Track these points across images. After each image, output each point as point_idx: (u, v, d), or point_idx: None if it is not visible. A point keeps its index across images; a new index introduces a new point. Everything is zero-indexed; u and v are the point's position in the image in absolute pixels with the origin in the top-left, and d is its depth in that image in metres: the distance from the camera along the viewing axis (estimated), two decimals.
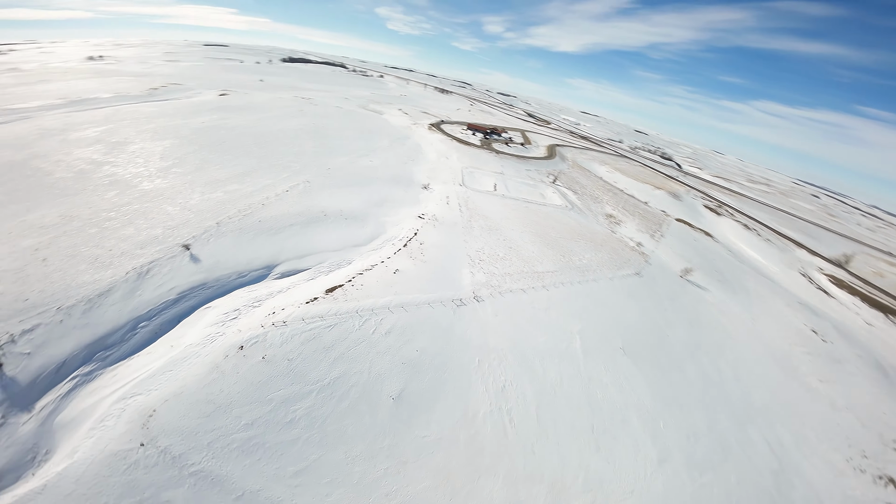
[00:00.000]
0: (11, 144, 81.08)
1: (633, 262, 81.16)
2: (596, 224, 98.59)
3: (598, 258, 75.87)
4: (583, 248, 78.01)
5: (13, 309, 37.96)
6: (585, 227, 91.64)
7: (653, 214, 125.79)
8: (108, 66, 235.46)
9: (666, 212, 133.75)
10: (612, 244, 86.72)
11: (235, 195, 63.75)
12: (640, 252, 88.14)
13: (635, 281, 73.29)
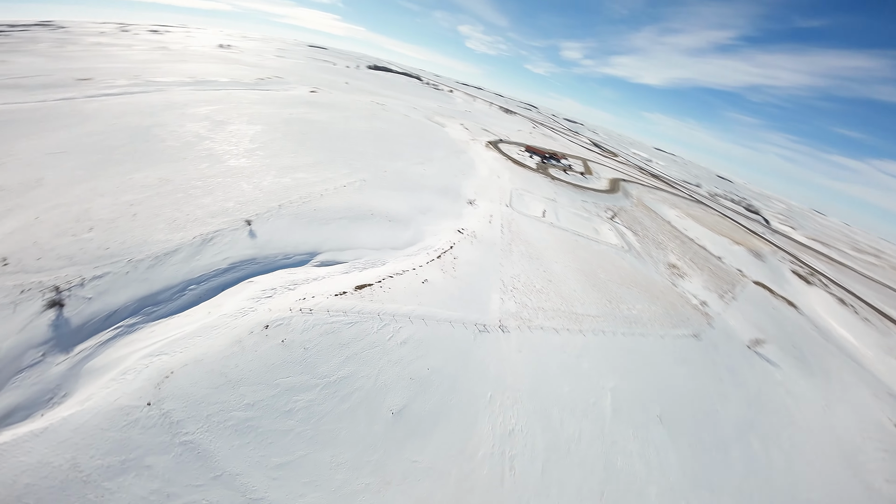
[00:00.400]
0: (142, 111, 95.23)
1: (692, 321, 70.46)
2: (655, 272, 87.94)
3: (651, 311, 66.89)
4: (634, 296, 69.46)
5: (94, 255, 43.03)
6: (642, 274, 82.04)
7: (726, 272, 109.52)
8: (232, 54, 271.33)
9: (743, 272, 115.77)
10: (671, 298, 76.34)
11: (301, 183, 67.28)
12: (704, 312, 76.40)
13: (691, 344, 63.24)
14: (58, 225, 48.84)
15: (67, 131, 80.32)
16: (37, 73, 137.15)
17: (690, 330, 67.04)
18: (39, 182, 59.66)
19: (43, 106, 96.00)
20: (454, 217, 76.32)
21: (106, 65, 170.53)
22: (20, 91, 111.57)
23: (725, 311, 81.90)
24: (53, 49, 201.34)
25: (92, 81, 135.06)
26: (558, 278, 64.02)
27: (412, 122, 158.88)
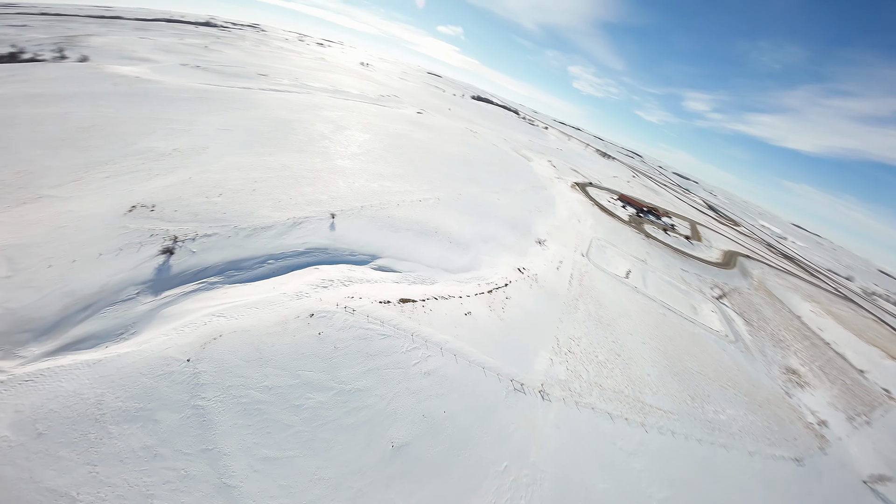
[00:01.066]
0: (290, 108, 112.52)
1: (799, 442, 52.07)
2: (764, 375, 68.19)
3: (746, 420, 51.25)
4: (728, 398, 54.16)
5: (212, 216, 50.20)
6: (744, 374, 64.19)
7: (866, 390, 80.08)
8: (367, 72, 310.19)
9: (892, 393, 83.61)
10: (778, 410, 57.96)
11: (385, 190, 70.21)
12: (819, 434, 56.09)
13: (788, 468, 46.37)
14: (200, 186, 59.01)
15: (236, 113, 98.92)
16: (235, 64, 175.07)
17: (793, 452, 49.23)
18: (204, 149, 73.79)
19: (229, 90, 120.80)
20: (517, 253, 69.99)
21: (280, 66, 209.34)
22: (219, 76, 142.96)
23: (850, 436, 58.79)
24: (251, 47, 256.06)
25: (267, 77, 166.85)
26: (630, 355, 52.91)
27: (499, 151, 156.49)
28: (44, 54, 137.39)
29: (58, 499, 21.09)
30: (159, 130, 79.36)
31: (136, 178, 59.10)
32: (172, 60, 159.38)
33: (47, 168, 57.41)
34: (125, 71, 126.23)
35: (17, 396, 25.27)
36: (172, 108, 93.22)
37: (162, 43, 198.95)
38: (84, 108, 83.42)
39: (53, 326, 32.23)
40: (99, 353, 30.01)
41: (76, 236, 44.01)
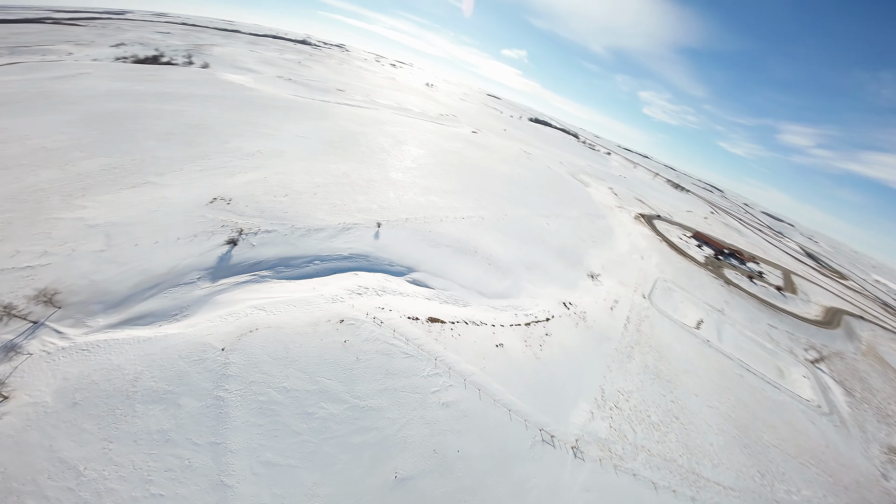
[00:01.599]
0: (358, 121, 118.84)
1: None
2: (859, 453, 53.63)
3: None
4: (807, 477, 42.95)
5: (274, 214, 53.07)
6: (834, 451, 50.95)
7: None
8: (431, 92, 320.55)
9: None
10: (868, 492, 44.93)
11: (431, 205, 69.47)
12: None
13: None
14: (271, 186, 63.38)
15: (313, 123, 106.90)
16: (319, 79, 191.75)
17: None
18: (282, 153, 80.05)
19: (311, 102, 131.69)
20: (564, 286, 62.19)
21: (356, 83, 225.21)
22: (305, 89, 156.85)
23: None
24: (336, 65, 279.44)
25: (343, 93, 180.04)
26: (691, 419, 44.36)
27: (553, 174, 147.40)
28: (177, 59, 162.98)
29: (65, 471, 21.69)
30: (249, 133, 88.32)
31: (223, 174, 65.48)
32: (271, 72, 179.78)
33: (156, 157, 65.96)
34: (234, 79, 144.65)
35: (70, 364, 27.38)
36: (263, 114, 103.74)
37: (266, 56, 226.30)
38: (196, 108, 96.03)
39: (122, 301, 35.12)
40: (152, 330, 31.71)
41: (163, 220, 49.10)
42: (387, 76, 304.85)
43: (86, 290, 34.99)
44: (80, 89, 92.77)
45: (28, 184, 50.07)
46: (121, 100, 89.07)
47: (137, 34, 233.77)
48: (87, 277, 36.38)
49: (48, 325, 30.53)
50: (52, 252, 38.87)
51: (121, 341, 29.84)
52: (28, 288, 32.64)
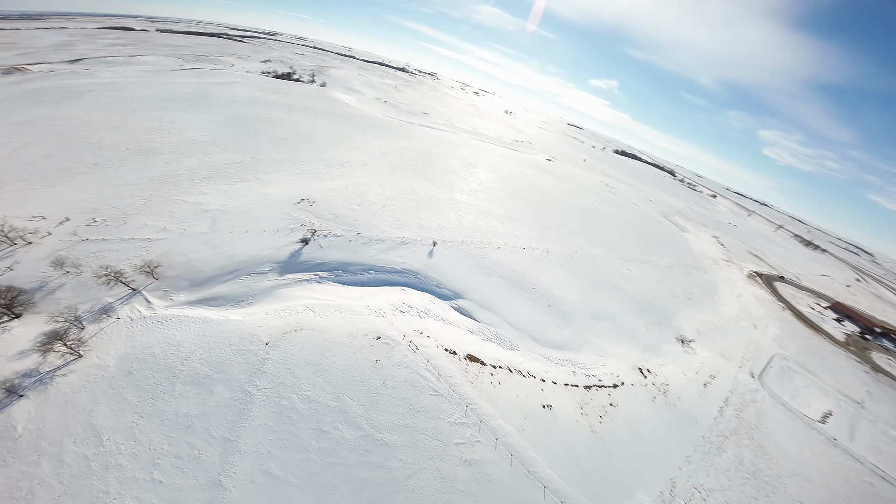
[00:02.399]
0: (435, 142, 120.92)
1: None
2: None
3: None
4: None
5: (345, 220, 53.96)
6: None
7: None
8: (508, 119, 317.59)
9: None
10: None
11: (490, 230, 64.47)
12: None
13: None
14: (350, 194, 65.89)
15: (396, 141, 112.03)
16: (409, 103, 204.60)
17: None
18: (364, 165, 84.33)
19: (398, 123, 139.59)
20: (643, 348, 49.32)
21: (440, 108, 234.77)
22: (396, 111, 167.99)
23: None
24: (425, 91, 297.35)
25: (427, 116, 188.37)
26: None
27: (640, 213, 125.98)
28: (304, 77, 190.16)
29: (90, 438, 22.09)
30: (343, 145, 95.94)
31: (314, 178, 70.77)
32: (371, 94, 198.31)
33: (269, 158, 74.62)
34: (342, 97, 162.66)
35: (143, 333, 29.15)
36: (358, 130, 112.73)
37: (370, 80, 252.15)
38: (308, 120, 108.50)
39: (205, 281, 37.51)
40: (218, 313, 32.77)
41: (259, 213, 53.91)
42: (469, 103, 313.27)
43: (181, 266, 38.70)
44: (230, 95, 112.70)
45: (172, 168, 60.06)
46: (256, 106, 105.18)
47: (280, 53, 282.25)
48: (185, 255, 40.42)
49: (143, 293, 33.81)
50: (169, 229, 44.66)
51: (190, 318, 31.30)
52: (138, 258, 36.91)
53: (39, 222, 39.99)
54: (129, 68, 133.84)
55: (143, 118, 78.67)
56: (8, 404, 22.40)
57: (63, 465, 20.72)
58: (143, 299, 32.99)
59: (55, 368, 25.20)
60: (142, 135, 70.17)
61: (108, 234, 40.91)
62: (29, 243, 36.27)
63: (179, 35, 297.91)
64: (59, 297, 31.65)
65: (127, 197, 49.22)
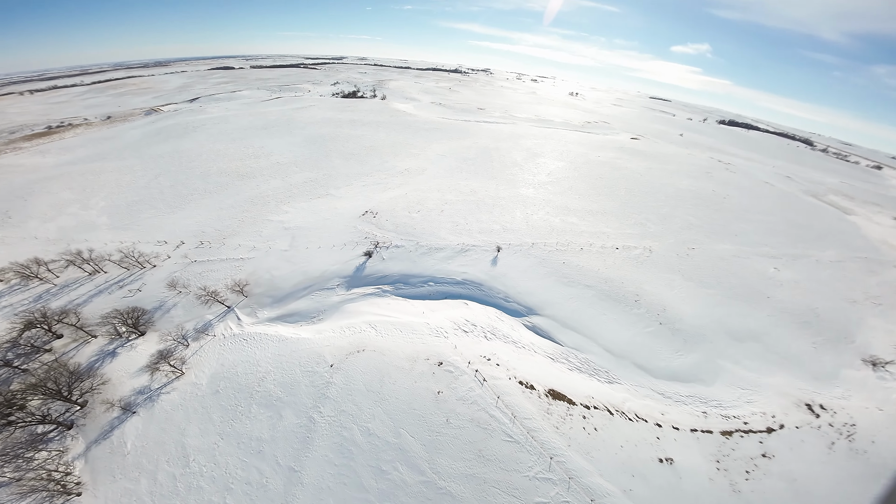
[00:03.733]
0: (494, 137, 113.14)
1: None
2: None
3: None
4: None
5: (405, 230, 51.81)
6: None
7: None
8: (575, 101, 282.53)
9: None
10: None
11: (568, 228, 55.04)
12: None
13: None
14: (409, 202, 63.76)
15: (454, 142, 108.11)
16: (464, 101, 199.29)
17: None
18: (423, 171, 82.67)
19: (454, 123, 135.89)
20: (812, 376, 34.86)
21: (496, 101, 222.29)
22: (451, 111, 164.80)
23: None
24: (480, 87, 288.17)
25: (483, 111, 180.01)
26: None
27: (777, 193, 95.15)
28: (367, 93, 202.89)
29: (180, 457, 22.97)
30: (403, 153, 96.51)
31: (377, 189, 71.33)
32: (427, 99, 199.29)
33: (339, 173, 78.77)
34: (400, 107, 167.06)
35: (231, 350, 30.71)
36: (416, 136, 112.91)
37: (425, 86, 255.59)
38: (371, 132, 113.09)
39: (284, 297, 39.00)
40: (292, 330, 33.61)
41: (330, 227, 55.78)
42: (527, 91, 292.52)
43: (266, 283, 41.55)
44: (307, 118, 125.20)
45: (262, 191, 67.61)
46: (328, 126, 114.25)
47: (347, 75, 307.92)
48: (269, 272, 43.49)
49: (236, 311, 36.76)
50: (258, 248, 49.20)
51: (269, 337, 32.32)
52: (230, 278, 40.53)
53: (162, 247, 47.93)
54: (231, 102, 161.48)
55: (241, 146, 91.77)
56: (124, 420, 25.31)
57: (156, 484, 22.15)
58: (234, 316, 35.83)
59: (161, 386, 28.02)
60: (239, 161, 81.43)
61: (210, 255, 46.79)
62: (154, 266, 43.28)
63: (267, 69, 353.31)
64: (172, 315, 36.30)
65: (227, 219, 56.42)
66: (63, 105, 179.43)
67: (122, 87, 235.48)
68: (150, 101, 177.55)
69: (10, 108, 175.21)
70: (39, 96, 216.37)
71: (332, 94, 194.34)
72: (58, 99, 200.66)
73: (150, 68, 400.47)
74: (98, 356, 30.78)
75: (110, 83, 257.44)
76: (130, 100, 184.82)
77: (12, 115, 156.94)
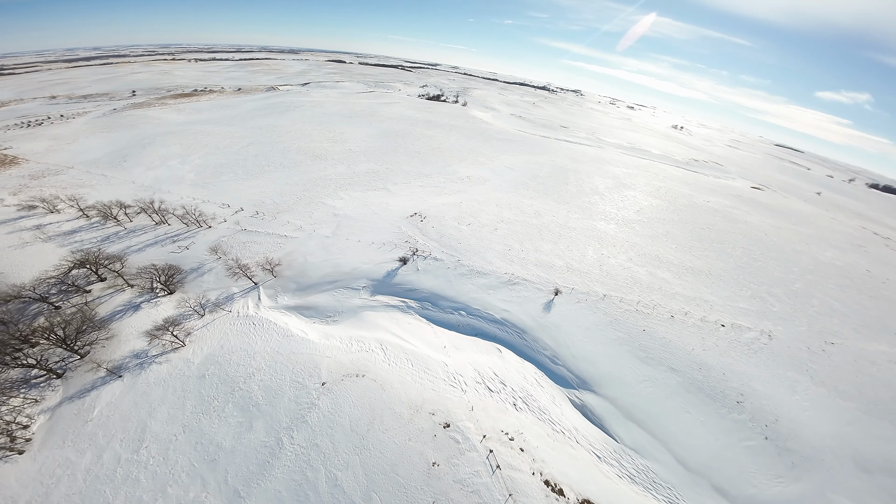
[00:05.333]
0: (573, 157, 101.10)
1: None
2: None
3: None
4: None
5: (449, 242, 45.42)
6: None
7: None
8: (679, 135, 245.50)
9: None
10: None
11: (656, 284, 42.85)
12: None
13: None
14: (461, 212, 56.97)
15: (525, 156, 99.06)
16: (546, 118, 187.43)
17: None
18: (485, 181, 75.90)
19: (531, 137, 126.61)
20: None
21: (582, 122, 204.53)
22: (531, 125, 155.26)
23: None
24: (567, 107, 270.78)
25: (566, 130, 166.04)
26: None
27: None
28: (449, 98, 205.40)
29: (136, 440, 20.83)
30: (469, 160, 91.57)
31: (432, 192, 66.40)
32: (507, 111, 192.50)
33: (401, 170, 77.06)
34: (478, 114, 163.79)
35: (236, 333, 28.52)
36: (487, 144, 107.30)
37: (508, 98, 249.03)
38: (443, 134, 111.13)
39: (308, 287, 36.26)
40: (303, 325, 30.87)
41: (375, 223, 52.92)
42: (620, 117, 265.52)
43: (297, 267, 39.64)
44: (388, 113, 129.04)
45: (327, 173, 68.75)
46: (405, 123, 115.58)
47: (437, 80, 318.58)
48: (304, 257, 41.64)
49: (260, 289, 35.19)
50: (304, 228, 48.43)
51: (276, 327, 29.66)
52: (266, 255, 39.44)
53: (224, 210, 49.99)
54: (332, 91, 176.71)
55: (325, 129, 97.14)
56: (106, 383, 24.04)
57: (98, 463, 20.08)
58: (256, 296, 34.21)
59: (158, 354, 26.65)
60: (318, 143, 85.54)
61: (260, 226, 47.23)
62: (209, 227, 44.74)
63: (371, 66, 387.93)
64: (204, 280, 36.03)
65: (287, 195, 57.70)
66: (212, 74, 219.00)
67: (258, 65, 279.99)
68: (274, 80, 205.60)
69: (177, 72, 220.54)
70: (200, 65, 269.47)
71: (419, 95, 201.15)
72: (211, 69, 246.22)
73: (283, 53, 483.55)
74: (123, 307, 31.11)
75: (251, 61, 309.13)
76: (260, 77, 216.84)
77: (176, 77, 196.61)
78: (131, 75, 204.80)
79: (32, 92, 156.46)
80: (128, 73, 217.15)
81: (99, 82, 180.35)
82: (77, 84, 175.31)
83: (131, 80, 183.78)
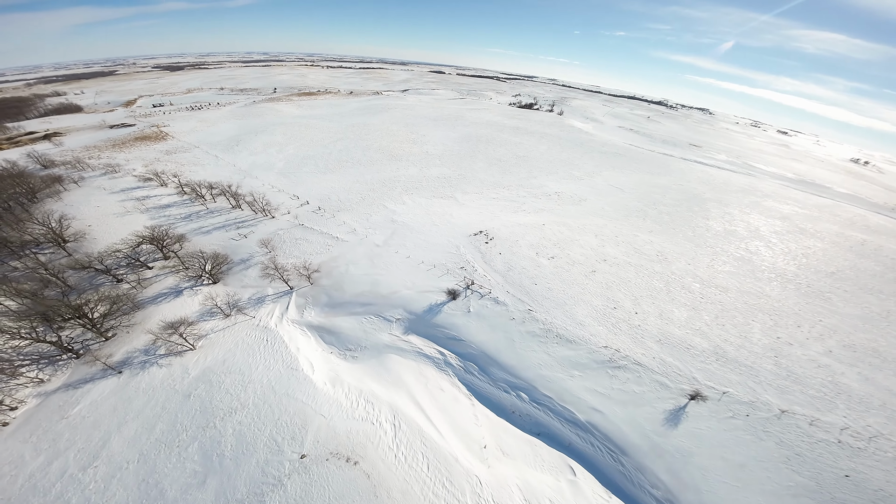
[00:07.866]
0: (711, 183, 75.34)
1: None
2: None
3: None
4: None
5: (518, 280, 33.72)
6: None
7: None
8: (863, 170, 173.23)
9: None
10: None
11: (883, 400, 23.61)
12: None
13: None
14: (543, 237, 43.79)
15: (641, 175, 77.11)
16: (668, 133, 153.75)
17: None
18: (581, 201, 60.61)
19: (647, 153, 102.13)
20: None
21: (718, 142, 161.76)
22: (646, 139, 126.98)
23: None
24: (692, 124, 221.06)
25: (698, 149, 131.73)
26: None
27: None
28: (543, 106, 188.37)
29: (90, 457, 18.34)
30: (560, 173, 76.88)
31: (508, 208, 54.36)
32: (614, 123, 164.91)
33: (474, 177, 67.83)
34: (577, 124, 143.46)
35: (243, 348, 24.64)
36: (586, 157, 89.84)
37: (615, 111, 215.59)
38: (531, 142, 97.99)
39: (339, 304, 30.93)
40: (315, 356, 25.89)
41: (432, 236, 44.25)
42: (772, 142, 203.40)
43: (336, 276, 34.43)
44: (472, 118, 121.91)
45: (398, 175, 64.33)
46: (489, 128, 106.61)
47: (531, 90, 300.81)
48: (347, 265, 36.36)
49: (293, 296, 31.06)
50: (357, 232, 43.66)
51: (286, 351, 25.12)
52: (309, 257, 35.40)
53: (293, 201, 49.01)
54: (425, 97, 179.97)
55: (408, 131, 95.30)
56: (103, 378, 22.00)
57: (45, 470, 18.11)
58: (286, 304, 30.36)
59: (163, 355, 24.50)
60: (399, 143, 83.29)
61: (317, 223, 44.28)
62: (272, 217, 43.45)
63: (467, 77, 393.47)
64: (247, 275, 33.62)
65: (353, 192, 54.77)
66: (336, 79, 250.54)
67: (371, 73, 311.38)
68: (380, 86, 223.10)
69: (311, 75, 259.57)
70: (330, 70, 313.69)
71: (510, 103, 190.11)
72: (336, 75, 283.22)
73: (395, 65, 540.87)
74: (168, 292, 30.09)
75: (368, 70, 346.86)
76: (370, 83, 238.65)
77: (308, 80, 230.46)
78: (278, 76, 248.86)
79: (211, 83, 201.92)
80: (276, 73, 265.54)
81: (255, 79, 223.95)
82: (241, 80, 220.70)
83: (277, 80, 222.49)
